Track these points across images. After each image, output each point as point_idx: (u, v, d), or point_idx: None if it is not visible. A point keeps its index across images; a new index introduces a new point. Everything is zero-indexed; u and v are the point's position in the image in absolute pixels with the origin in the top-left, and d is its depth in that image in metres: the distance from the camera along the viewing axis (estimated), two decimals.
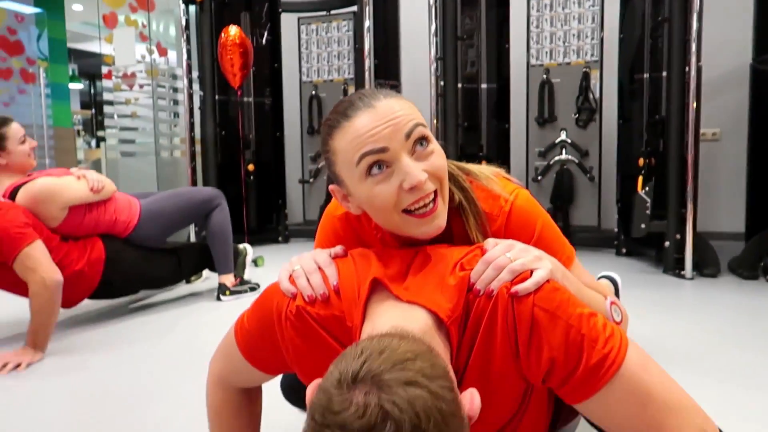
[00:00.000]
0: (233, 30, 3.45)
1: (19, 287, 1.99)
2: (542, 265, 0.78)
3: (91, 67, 9.89)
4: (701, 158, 4.00)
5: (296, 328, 0.83)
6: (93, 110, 11.10)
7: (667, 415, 0.71)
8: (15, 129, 2.16)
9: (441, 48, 3.42)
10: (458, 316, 0.76)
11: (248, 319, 0.91)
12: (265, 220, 4.39)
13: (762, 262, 2.91)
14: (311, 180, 4.48)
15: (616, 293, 1.90)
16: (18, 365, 1.81)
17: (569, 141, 3.82)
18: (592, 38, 3.75)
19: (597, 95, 3.77)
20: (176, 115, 4.68)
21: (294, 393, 1.24)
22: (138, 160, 4.47)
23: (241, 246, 2.99)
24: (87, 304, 2.63)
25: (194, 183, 3.99)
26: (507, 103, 3.90)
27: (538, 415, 0.88)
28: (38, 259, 1.92)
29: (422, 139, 0.82)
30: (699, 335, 2.09)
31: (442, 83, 3.48)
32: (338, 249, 0.89)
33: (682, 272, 2.96)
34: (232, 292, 2.68)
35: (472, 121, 3.76)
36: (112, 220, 2.34)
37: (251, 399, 1.02)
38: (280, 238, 4.46)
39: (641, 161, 3.31)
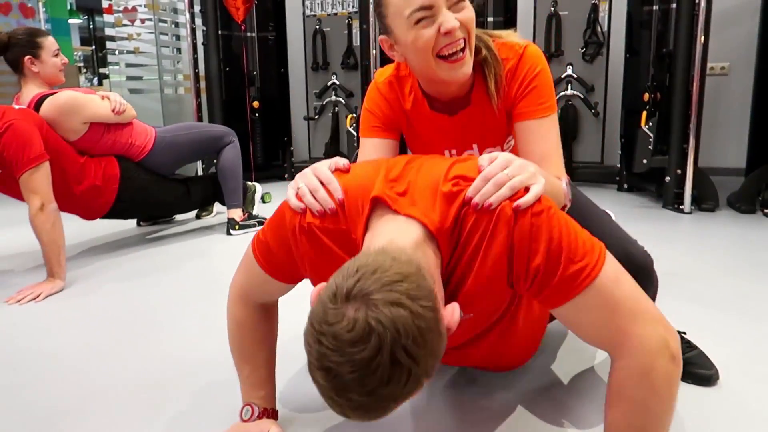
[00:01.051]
0: None
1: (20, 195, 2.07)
2: (537, 180, 0.84)
3: (90, 1, 9.69)
4: (708, 93, 3.97)
5: (309, 241, 0.90)
6: (93, 46, 10.92)
7: (633, 322, 0.79)
8: (51, 41, 2.23)
9: None
10: (447, 227, 0.82)
11: (264, 234, 0.98)
12: (271, 157, 4.43)
13: (760, 196, 2.96)
14: (316, 117, 4.48)
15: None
16: (37, 296, 1.91)
17: (575, 76, 3.79)
18: None
19: (605, 28, 3.71)
20: (179, 50, 4.63)
21: None
22: (142, 97, 4.47)
23: (250, 183, 3.05)
24: (106, 234, 2.74)
25: (200, 120, 4.01)
26: None
27: (529, 319, 0.97)
28: (40, 183, 1.98)
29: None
30: (692, 265, 2.16)
31: None
32: (340, 162, 0.95)
33: (681, 206, 3.02)
34: (242, 227, 2.76)
35: None
36: (128, 142, 2.40)
37: (269, 315, 1.10)
38: (285, 175, 4.51)
39: (646, 96, 3.30)
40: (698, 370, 1.20)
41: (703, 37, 2.89)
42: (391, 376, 0.63)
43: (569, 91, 3.82)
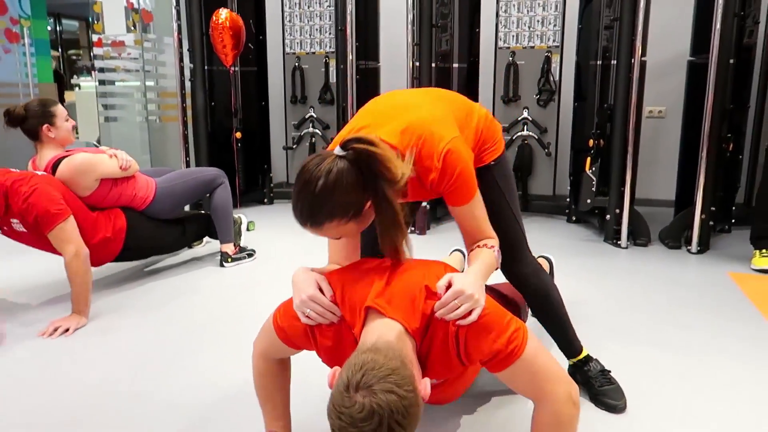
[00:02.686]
0: (223, 13, 3.69)
1: (50, 248, 2.37)
2: (477, 305, 1.20)
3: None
4: (648, 133, 4.49)
5: (325, 338, 1.26)
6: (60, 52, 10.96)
7: (547, 382, 1.19)
8: (61, 108, 2.53)
9: (418, 35, 3.73)
10: (419, 328, 1.20)
11: (286, 326, 1.32)
12: (252, 183, 4.74)
13: (684, 234, 3.44)
14: (294, 146, 4.81)
15: (551, 270, 2.39)
16: (66, 330, 2.21)
17: (530, 119, 4.23)
18: (555, 25, 4.11)
19: (557, 77, 4.16)
20: (159, 81, 4.88)
21: None
22: (129, 126, 4.72)
23: (236, 216, 3.37)
24: (110, 270, 3.01)
25: (186, 149, 4.29)
26: (476, 82, 4.27)
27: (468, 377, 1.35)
28: (71, 233, 2.29)
29: None
30: (622, 299, 2.59)
31: (417, 64, 3.81)
32: (327, 290, 1.27)
33: (619, 242, 3.47)
34: (233, 259, 3.09)
35: None
36: (132, 194, 2.70)
37: (284, 366, 1.46)
38: (265, 200, 4.83)
39: (591, 141, 3.76)
40: (609, 400, 1.60)
41: (636, 95, 3.34)
42: None
43: (525, 132, 4.25)
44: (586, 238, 3.72)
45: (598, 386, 1.62)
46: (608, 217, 3.55)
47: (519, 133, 4.26)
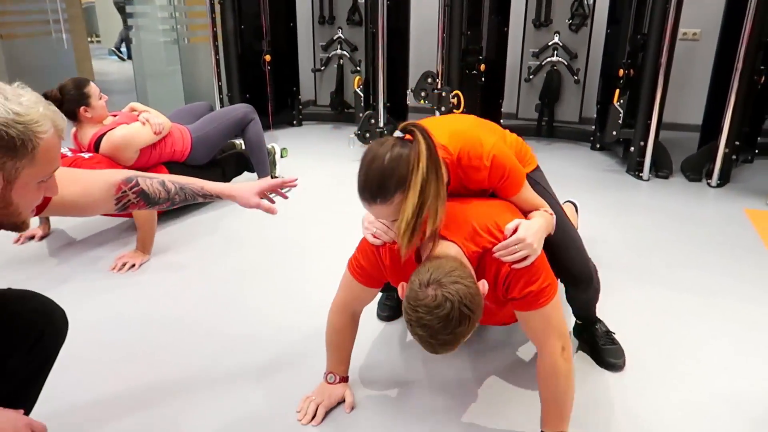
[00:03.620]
0: None
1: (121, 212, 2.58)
2: (534, 253, 1.39)
3: None
4: (681, 56, 4.42)
5: (390, 258, 1.46)
6: None
7: (551, 335, 1.42)
8: (94, 87, 2.62)
9: None
10: (472, 255, 1.38)
11: (357, 260, 1.54)
12: (282, 105, 4.83)
13: (706, 167, 3.52)
14: (322, 68, 4.84)
15: (577, 213, 2.54)
16: (133, 265, 2.47)
17: (561, 44, 4.19)
18: None
19: (591, 1, 4.07)
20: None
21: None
22: (160, 46, 4.75)
23: (269, 146, 3.51)
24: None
25: (218, 75, 4.36)
26: (508, 5, 4.18)
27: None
28: None
29: None
30: (634, 235, 2.76)
31: None
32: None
33: (641, 174, 3.58)
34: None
35: (475, 24, 4.07)
36: (171, 151, 2.86)
37: (354, 323, 1.67)
38: (294, 122, 4.95)
39: (621, 71, 3.76)
40: (610, 359, 1.81)
41: (673, 18, 3.28)
42: (461, 321, 1.19)
43: (554, 58, 4.23)
44: (608, 168, 3.83)
45: (601, 344, 1.83)
46: (632, 149, 3.63)
47: (549, 59, 4.24)
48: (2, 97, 0.92)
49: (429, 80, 3.73)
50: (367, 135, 4.00)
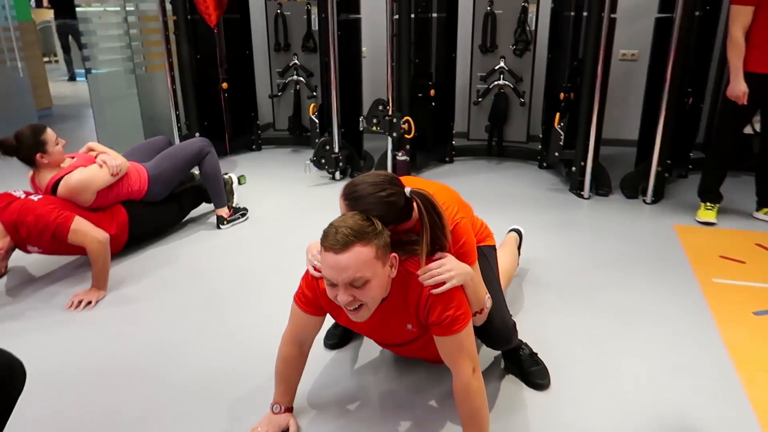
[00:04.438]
0: None
1: (76, 249, 2.63)
2: (451, 280, 1.56)
3: None
4: (621, 75, 4.67)
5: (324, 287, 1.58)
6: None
7: (462, 358, 1.58)
8: (50, 133, 2.68)
9: None
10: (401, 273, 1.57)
11: (302, 289, 1.68)
12: (240, 130, 4.93)
13: (640, 185, 3.75)
14: (279, 94, 4.96)
15: (520, 242, 2.70)
16: (89, 302, 2.53)
17: (507, 68, 4.39)
18: None
19: (533, 28, 4.28)
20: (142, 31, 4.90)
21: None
22: (117, 76, 4.80)
23: (226, 176, 3.60)
24: None
25: (176, 103, 4.44)
26: (455, 31, 4.37)
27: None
28: (85, 228, 2.55)
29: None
30: (571, 252, 2.94)
31: (397, 17, 3.91)
32: None
33: (582, 192, 3.79)
34: (229, 221, 3.38)
35: (423, 51, 4.25)
36: (128, 190, 2.92)
37: (303, 354, 1.79)
38: (254, 146, 5.05)
39: (562, 95, 3.97)
40: (536, 380, 1.96)
41: (605, 43, 3.48)
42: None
43: (501, 81, 4.43)
44: (553, 187, 4.03)
45: (527, 367, 1.99)
46: (574, 169, 3.83)
47: (495, 82, 4.44)
48: None
49: (380, 107, 3.88)
50: (323, 161, 4.13)
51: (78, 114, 6.78)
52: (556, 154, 3.84)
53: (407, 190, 1.58)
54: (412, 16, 3.94)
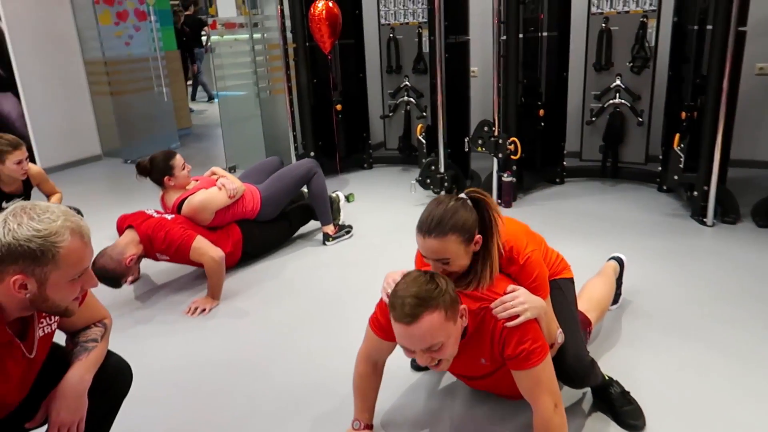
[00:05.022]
0: (320, 5, 3.97)
1: (196, 262, 2.90)
2: (525, 313, 1.54)
3: None
4: (757, 91, 4.29)
5: None
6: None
7: (542, 393, 1.55)
8: (179, 159, 3.03)
9: (504, 12, 3.78)
10: (473, 310, 1.58)
11: (376, 314, 1.75)
12: (353, 150, 5.14)
13: None
14: (390, 114, 5.10)
15: (621, 269, 2.56)
16: (204, 310, 2.79)
17: (623, 86, 4.18)
18: None
19: (652, 44, 4.05)
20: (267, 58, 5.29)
21: None
22: (244, 99, 5.23)
23: (333, 194, 3.77)
24: None
25: (293, 122, 4.73)
26: (566, 50, 4.25)
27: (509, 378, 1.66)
28: (204, 247, 2.81)
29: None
30: (689, 285, 2.73)
31: (504, 38, 3.88)
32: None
33: (705, 219, 3.50)
34: (334, 239, 3.54)
35: (532, 71, 4.18)
36: (242, 210, 3.18)
37: (378, 371, 1.86)
38: (365, 165, 5.23)
39: (683, 115, 3.71)
40: (630, 420, 1.85)
41: (733, 47, 3.19)
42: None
43: (617, 100, 4.23)
44: (672, 212, 3.76)
45: (618, 407, 1.87)
46: (695, 193, 3.56)
47: (611, 101, 4.25)
48: (27, 218, 1.18)
49: (485, 128, 3.87)
50: (428, 181, 4.19)
51: (213, 133, 7.42)
52: (675, 177, 3.58)
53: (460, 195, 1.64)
54: (521, 36, 3.89)
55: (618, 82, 4.20)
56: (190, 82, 10.01)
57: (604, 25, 4.13)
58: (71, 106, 5.85)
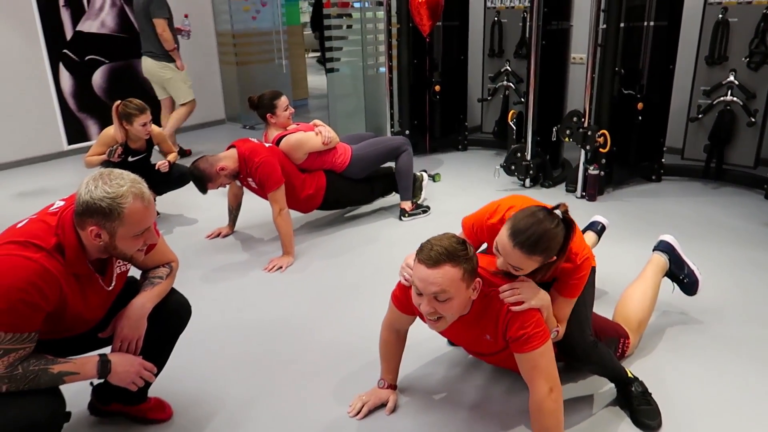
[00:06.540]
0: None
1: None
2: (529, 301, 1.65)
3: None
4: None
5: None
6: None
7: (539, 377, 1.64)
8: (283, 100, 3.39)
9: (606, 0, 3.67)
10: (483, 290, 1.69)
11: (396, 290, 1.91)
12: (449, 131, 5.24)
13: None
14: (489, 98, 5.13)
15: (671, 262, 2.41)
16: (280, 267, 3.10)
17: (737, 82, 3.90)
18: None
19: None
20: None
21: None
22: (350, 76, 5.50)
23: (418, 173, 3.93)
24: (318, 215, 3.87)
25: (391, 101, 4.93)
26: (675, 42, 4.01)
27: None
28: (280, 197, 3.12)
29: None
30: (761, 304, 2.59)
31: (604, 26, 3.77)
32: None
33: None
34: (410, 215, 3.71)
35: (633, 61, 4.01)
36: (332, 160, 3.45)
37: (401, 337, 2.04)
38: (460, 146, 5.32)
39: None
40: (644, 419, 1.86)
41: None
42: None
43: (729, 97, 3.95)
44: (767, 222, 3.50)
45: (636, 405, 1.88)
46: None
47: (722, 98, 3.98)
48: (102, 182, 1.47)
49: (574, 119, 3.81)
50: (513, 167, 4.21)
51: (322, 105, 7.82)
52: None
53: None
54: (622, 25, 3.75)
55: (732, 78, 3.92)
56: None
57: (721, 15, 3.86)
58: (203, 74, 6.47)
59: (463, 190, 4.28)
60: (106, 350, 1.66)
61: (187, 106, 5.18)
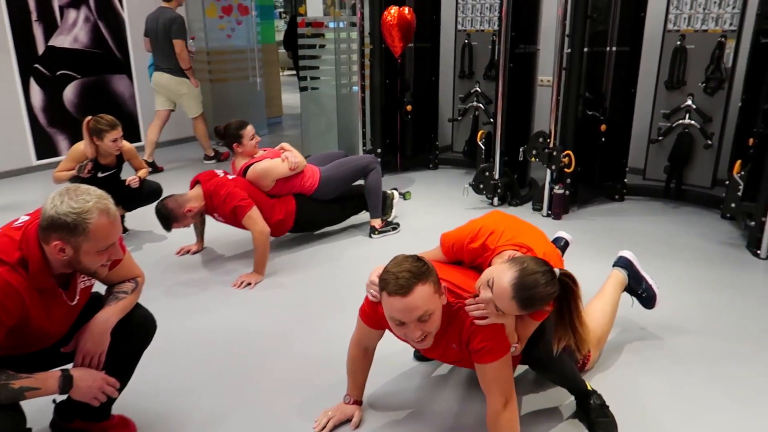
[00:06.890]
0: (393, 10, 4.19)
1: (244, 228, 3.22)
2: (491, 317, 1.68)
3: None
4: None
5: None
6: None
7: (495, 389, 1.70)
8: (249, 129, 3.39)
9: (570, 25, 3.81)
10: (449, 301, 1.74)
11: (364, 306, 1.94)
12: (420, 150, 5.33)
13: None
14: (459, 118, 5.24)
15: (630, 277, 2.49)
16: (249, 284, 3.11)
17: (694, 106, 4.07)
18: (734, 6, 3.82)
19: (729, 65, 3.91)
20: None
21: None
22: (322, 95, 5.57)
23: (389, 191, 3.99)
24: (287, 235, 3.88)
25: (363, 119, 5.00)
26: (636, 66, 4.18)
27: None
28: (256, 219, 3.14)
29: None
30: (725, 320, 2.68)
31: (569, 51, 3.90)
32: None
33: (759, 251, 3.37)
34: (380, 232, 3.76)
35: (597, 85, 4.16)
36: (301, 184, 3.48)
37: (368, 354, 2.06)
38: (431, 165, 5.40)
39: (751, 141, 3.57)
40: (600, 431, 1.94)
41: None
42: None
43: (686, 120, 4.12)
44: (728, 241, 3.64)
45: (594, 417, 1.94)
46: (752, 224, 3.43)
47: (680, 121, 4.14)
48: (68, 197, 1.49)
49: (540, 139, 3.93)
50: (481, 186, 4.30)
51: (295, 123, 7.87)
52: (732, 205, 3.48)
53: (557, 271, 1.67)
54: (586, 50, 3.90)
55: (689, 102, 4.09)
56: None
57: (679, 42, 4.04)
58: None
59: (434, 207, 4.35)
60: (70, 366, 1.66)
61: (200, 118, 5.67)
